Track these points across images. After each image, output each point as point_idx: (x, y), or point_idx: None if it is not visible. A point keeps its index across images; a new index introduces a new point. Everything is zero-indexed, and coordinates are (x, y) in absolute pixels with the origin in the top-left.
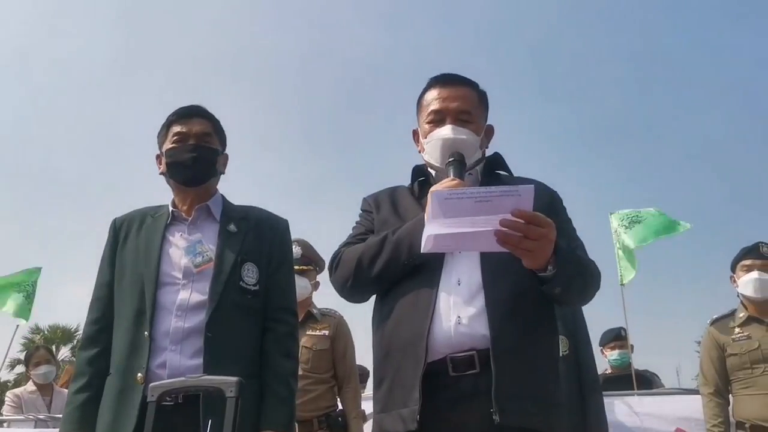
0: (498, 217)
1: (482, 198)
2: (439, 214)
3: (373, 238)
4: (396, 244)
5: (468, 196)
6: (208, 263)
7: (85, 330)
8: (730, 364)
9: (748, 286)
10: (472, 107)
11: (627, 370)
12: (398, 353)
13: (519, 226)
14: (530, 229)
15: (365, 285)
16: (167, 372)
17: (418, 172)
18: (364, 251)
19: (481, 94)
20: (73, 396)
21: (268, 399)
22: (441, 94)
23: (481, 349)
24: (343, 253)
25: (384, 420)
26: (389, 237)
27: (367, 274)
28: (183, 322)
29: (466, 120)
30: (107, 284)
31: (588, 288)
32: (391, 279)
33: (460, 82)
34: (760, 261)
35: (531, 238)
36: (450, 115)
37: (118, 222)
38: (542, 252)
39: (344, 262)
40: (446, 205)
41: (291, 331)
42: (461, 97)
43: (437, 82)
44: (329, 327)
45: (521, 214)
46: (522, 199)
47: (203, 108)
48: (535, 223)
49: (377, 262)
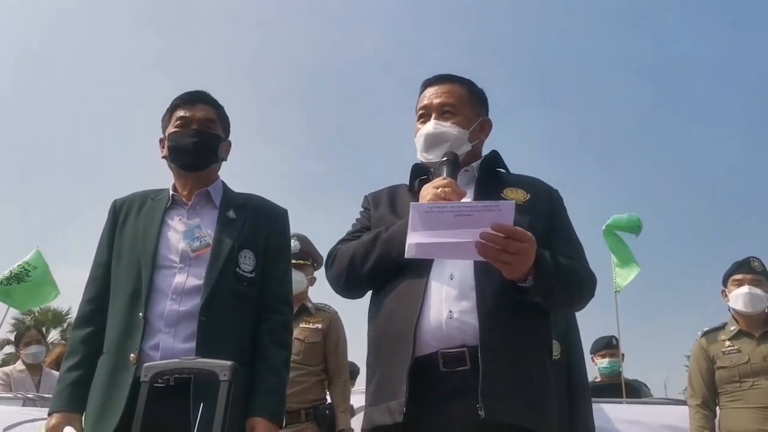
0: (478, 230)
1: (462, 212)
2: (419, 226)
3: (366, 236)
4: (387, 242)
5: (448, 210)
6: (206, 248)
7: (80, 309)
8: (719, 376)
9: (739, 301)
10: (457, 101)
11: (617, 378)
12: (388, 346)
13: (498, 239)
14: (509, 243)
15: (358, 281)
16: (160, 354)
17: (418, 171)
18: (357, 248)
19: (473, 90)
20: (65, 374)
21: (259, 387)
22: (426, 94)
23: (471, 346)
24: (338, 251)
25: (373, 413)
26: (381, 234)
27: (360, 270)
28: (178, 306)
29: (450, 112)
30: (104, 264)
31: (576, 296)
32: (383, 275)
33: (448, 79)
34: (750, 275)
35: (509, 252)
36: (434, 110)
37: (119, 203)
38: (520, 266)
39: (339, 259)
40: (426, 218)
41: (285, 321)
42: (445, 92)
43: (426, 84)
44: (323, 321)
45: (501, 228)
46: (503, 214)
47: (208, 94)
48: (514, 237)
49: (369, 258)
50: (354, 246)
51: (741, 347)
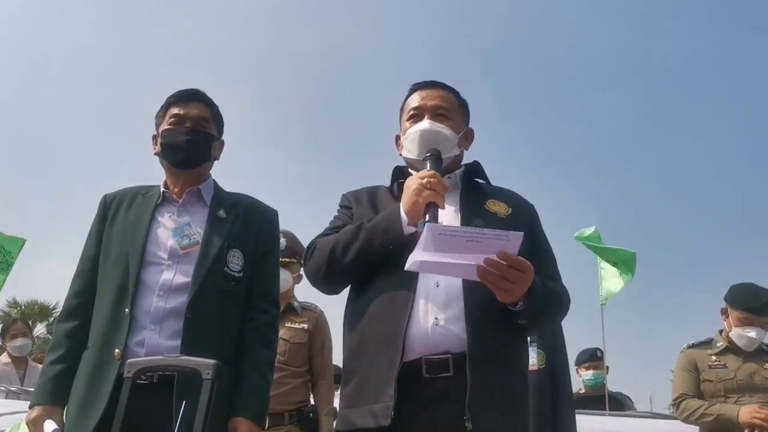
0: (483, 255)
1: (474, 238)
2: (430, 248)
3: (348, 227)
4: (370, 231)
5: (461, 234)
6: (195, 246)
7: (65, 302)
8: (704, 389)
9: (742, 339)
10: (451, 106)
11: (600, 390)
12: (371, 349)
13: (501, 267)
14: (511, 272)
15: (338, 273)
16: (144, 350)
17: (398, 174)
18: (339, 238)
19: (461, 99)
20: (48, 367)
21: (243, 387)
22: (420, 95)
23: (455, 353)
24: (317, 243)
25: (352, 415)
26: (364, 225)
27: (341, 261)
28: (164, 303)
29: (444, 116)
30: (92, 258)
31: (553, 319)
32: (363, 268)
33: (440, 86)
34: (759, 318)
35: (510, 280)
36: (428, 111)
37: (109, 198)
38: (517, 292)
39: (318, 250)
40: (439, 240)
41: (272, 321)
42: (439, 96)
43: (417, 86)
44: (309, 321)
45: (506, 257)
46: (509, 244)
47: (202, 92)
48: (516, 267)
49: (351, 248)
50: (335, 237)
51: (727, 363)
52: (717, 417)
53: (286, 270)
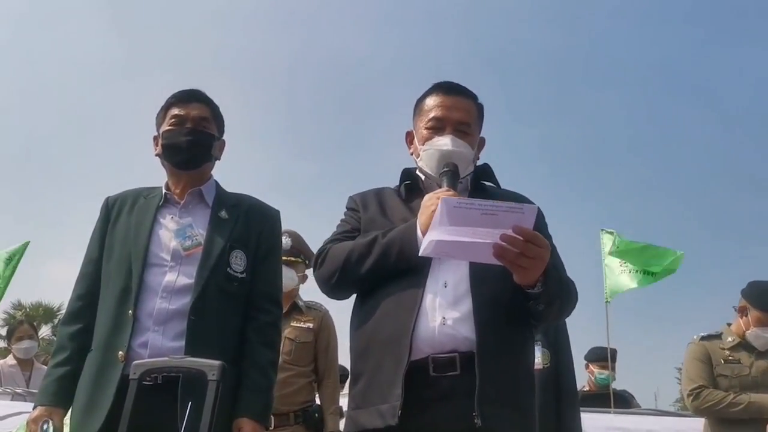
0: (498, 231)
1: (489, 211)
2: (446, 221)
3: (362, 239)
4: (386, 247)
5: (476, 207)
6: (197, 247)
7: (69, 305)
8: (717, 384)
9: (760, 340)
10: (472, 120)
11: (606, 389)
12: (378, 350)
13: (518, 242)
14: (528, 247)
15: (351, 283)
16: (148, 352)
17: (407, 175)
18: (353, 250)
19: (480, 106)
20: (52, 369)
21: (246, 387)
22: (444, 102)
23: (462, 352)
24: (329, 249)
25: (360, 416)
26: (379, 239)
27: (355, 272)
28: (168, 304)
29: (465, 132)
30: (95, 261)
31: (566, 308)
32: (377, 279)
33: (463, 93)
34: None
35: (527, 255)
36: (451, 124)
37: (111, 200)
38: (535, 270)
39: (331, 257)
40: (454, 213)
41: (274, 321)
42: (463, 108)
43: (440, 89)
44: (314, 320)
45: (522, 232)
46: (524, 217)
47: (203, 93)
48: (533, 242)
49: (366, 262)
50: (348, 247)
51: (741, 359)
52: (748, 405)
53: (291, 269)
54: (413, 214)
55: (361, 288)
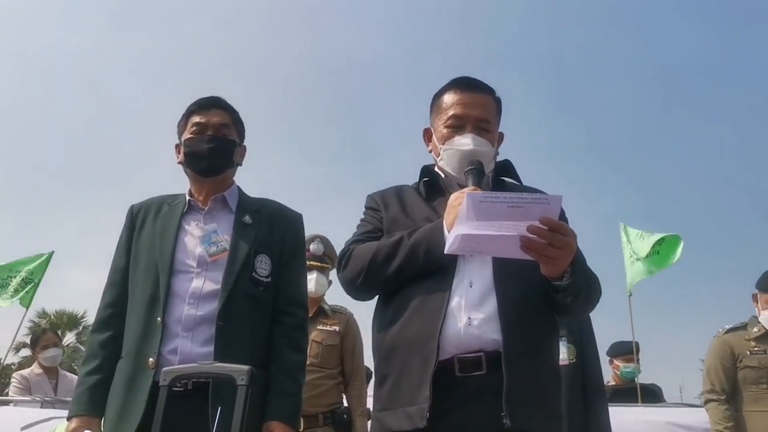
0: (524, 224)
1: (515, 204)
2: (472, 216)
3: (387, 239)
4: (413, 248)
5: (502, 200)
6: (223, 253)
7: (98, 313)
8: (744, 376)
9: None
10: (491, 116)
11: (632, 382)
12: (405, 351)
13: (545, 233)
14: (555, 237)
15: (377, 284)
16: (178, 358)
17: (426, 172)
18: (378, 250)
19: (498, 100)
20: (84, 378)
21: (275, 391)
22: (462, 100)
23: (488, 351)
24: (353, 250)
25: (386, 418)
26: (405, 240)
27: (381, 273)
28: (195, 310)
29: (485, 129)
30: (122, 269)
31: (592, 300)
32: (403, 280)
33: (481, 88)
34: None
35: (555, 246)
36: (470, 122)
37: (136, 209)
38: (563, 261)
39: (355, 258)
40: (480, 207)
41: (300, 324)
42: (482, 104)
43: (458, 85)
44: (339, 323)
45: (548, 222)
46: (550, 208)
47: (223, 99)
48: (560, 232)
49: (392, 263)
50: (373, 248)
51: (767, 349)
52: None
53: (323, 275)
54: (435, 212)
55: (386, 289)
